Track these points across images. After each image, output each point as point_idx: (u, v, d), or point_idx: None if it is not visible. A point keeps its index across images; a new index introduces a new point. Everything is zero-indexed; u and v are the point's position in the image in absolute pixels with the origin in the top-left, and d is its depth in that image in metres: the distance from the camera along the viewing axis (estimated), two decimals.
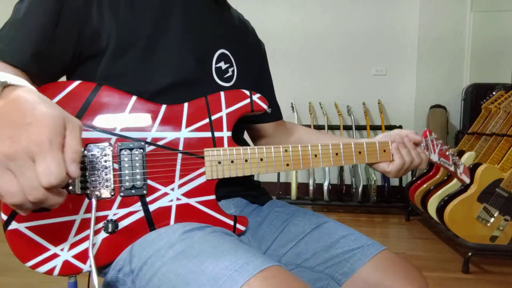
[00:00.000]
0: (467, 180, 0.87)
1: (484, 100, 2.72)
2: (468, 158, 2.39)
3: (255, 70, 0.92)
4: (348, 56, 3.56)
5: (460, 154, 2.46)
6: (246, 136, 0.93)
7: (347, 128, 3.40)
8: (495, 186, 2.10)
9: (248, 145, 0.87)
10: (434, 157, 0.84)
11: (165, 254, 0.58)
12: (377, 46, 3.52)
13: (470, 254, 2.05)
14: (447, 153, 0.86)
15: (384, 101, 3.52)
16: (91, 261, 0.58)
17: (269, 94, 0.96)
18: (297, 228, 0.78)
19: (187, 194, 0.68)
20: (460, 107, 3.23)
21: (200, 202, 0.69)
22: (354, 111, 3.43)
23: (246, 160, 0.71)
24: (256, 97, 0.74)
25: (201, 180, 0.69)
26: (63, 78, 0.71)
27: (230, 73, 0.82)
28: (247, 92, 0.73)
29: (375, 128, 3.47)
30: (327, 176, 3.25)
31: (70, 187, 0.60)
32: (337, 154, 0.76)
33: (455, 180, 2.37)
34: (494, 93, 2.68)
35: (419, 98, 3.43)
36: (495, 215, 2.12)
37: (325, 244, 0.74)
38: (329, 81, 3.57)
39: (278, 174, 3.55)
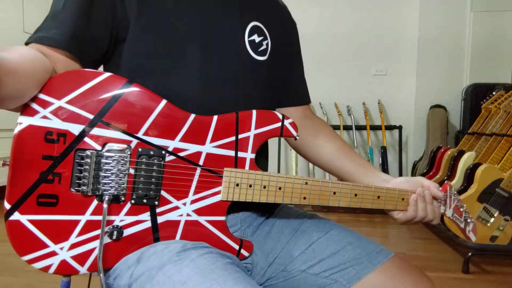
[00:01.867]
0: (473, 238, 0.85)
1: (484, 100, 2.72)
2: (468, 158, 2.39)
3: (287, 45, 0.89)
4: (348, 56, 3.56)
5: (460, 154, 2.46)
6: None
7: (347, 128, 3.40)
8: (495, 186, 2.10)
9: (267, 162, 0.85)
10: (448, 213, 0.81)
11: (155, 276, 0.57)
12: (377, 46, 3.52)
13: (470, 254, 2.05)
14: (461, 209, 0.83)
15: (384, 101, 3.52)
16: (99, 268, 0.58)
17: (299, 73, 0.94)
18: (305, 235, 0.76)
19: (198, 211, 0.66)
20: (460, 107, 3.23)
21: (210, 222, 0.67)
22: (354, 111, 3.43)
23: (264, 187, 0.68)
24: (287, 122, 0.69)
25: (215, 199, 0.66)
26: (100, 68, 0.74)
27: (264, 46, 0.79)
28: (280, 116, 0.69)
29: (375, 128, 3.47)
30: (327, 176, 3.24)
31: (82, 187, 0.59)
32: (356, 195, 0.74)
33: (455, 180, 2.37)
34: (494, 93, 2.68)
35: (419, 98, 3.43)
36: (495, 215, 2.11)
37: (332, 251, 0.73)
38: (329, 81, 3.57)
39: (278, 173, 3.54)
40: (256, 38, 0.78)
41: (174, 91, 0.69)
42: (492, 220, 2.12)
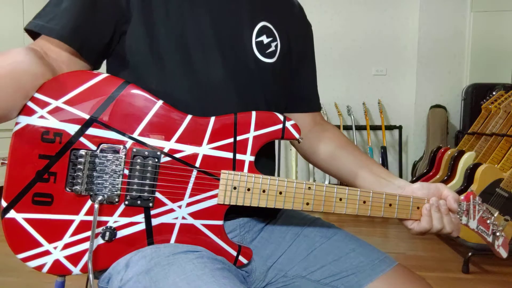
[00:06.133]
0: (504, 255, 0.76)
1: (484, 100, 2.72)
2: (468, 158, 2.39)
3: (299, 47, 0.84)
4: (348, 56, 3.56)
5: (460, 154, 2.46)
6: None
7: (347, 128, 3.41)
8: (495, 186, 2.10)
9: (273, 168, 0.81)
10: (472, 224, 0.74)
11: (142, 281, 0.56)
12: (377, 46, 3.53)
13: (470, 254, 2.05)
14: (488, 221, 0.77)
15: (384, 101, 3.52)
16: (89, 269, 0.58)
17: (310, 78, 0.90)
18: (307, 240, 0.74)
19: (194, 215, 0.64)
20: (460, 107, 3.24)
21: (206, 226, 0.65)
22: (354, 111, 3.43)
23: (264, 191, 0.65)
24: (289, 124, 0.66)
25: (212, 202, 0.64)
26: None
27: (273, 48, 0.76)
28: (281, 117, 0.66)
29: (375, 128, 3.47)
30: (327, 176, 3.25)
31: (76, 186, 0.59)
32: (364, 202, 0.68)
33: (455, 180, 2.37)
34: (494, 93, 2.68)
35: (419, 98, 3.43)
36: (495, 215, 2.11)
37: (334, 258, 0.71)
38: (329, 81, 3.58)
39: (278, 173, 3.55)
40: (264, 39, 0.75)
41: (173, 94, 0.68)
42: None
